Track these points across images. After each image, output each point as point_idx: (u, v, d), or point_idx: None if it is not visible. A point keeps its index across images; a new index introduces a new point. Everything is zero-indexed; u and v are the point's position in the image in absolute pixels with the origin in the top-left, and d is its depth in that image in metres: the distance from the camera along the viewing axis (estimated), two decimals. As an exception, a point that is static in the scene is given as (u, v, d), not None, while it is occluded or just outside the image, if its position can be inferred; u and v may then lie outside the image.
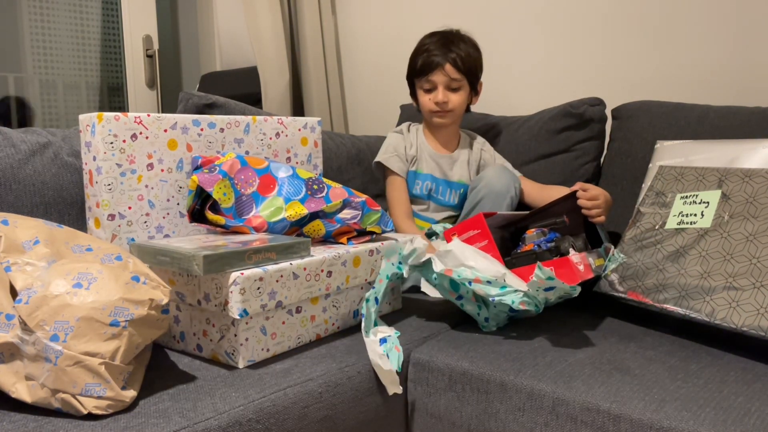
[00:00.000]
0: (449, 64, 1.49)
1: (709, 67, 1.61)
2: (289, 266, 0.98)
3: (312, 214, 1.14)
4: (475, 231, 1.16)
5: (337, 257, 1.06)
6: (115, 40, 2.58)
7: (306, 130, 1.36)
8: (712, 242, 1.03)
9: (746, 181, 1.06)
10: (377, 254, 1.13)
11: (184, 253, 0.90)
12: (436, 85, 1.51)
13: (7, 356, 0.77)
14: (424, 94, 1.54)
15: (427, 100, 1.53)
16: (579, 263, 1.08)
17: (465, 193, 1.56)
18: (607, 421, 0.82)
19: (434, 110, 1.53)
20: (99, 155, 1.05)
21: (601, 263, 1.17)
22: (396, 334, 1.04)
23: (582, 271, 1.07)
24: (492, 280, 1.02)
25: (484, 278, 1.02)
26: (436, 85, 1.51)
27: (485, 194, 1.42)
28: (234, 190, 1.13)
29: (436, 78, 1.50)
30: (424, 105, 1.55)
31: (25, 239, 0.83)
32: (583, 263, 1.09)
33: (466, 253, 1.06)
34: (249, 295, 0.92)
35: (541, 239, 1.18)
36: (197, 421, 0.77)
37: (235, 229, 1.11)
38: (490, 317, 1.09)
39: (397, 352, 0.99)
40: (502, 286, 1.01)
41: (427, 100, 1.53)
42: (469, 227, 1.17)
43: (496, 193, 1.41)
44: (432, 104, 1.52)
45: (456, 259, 1.06)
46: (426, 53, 1.51)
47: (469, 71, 1.52)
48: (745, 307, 0.93)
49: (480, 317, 1.10)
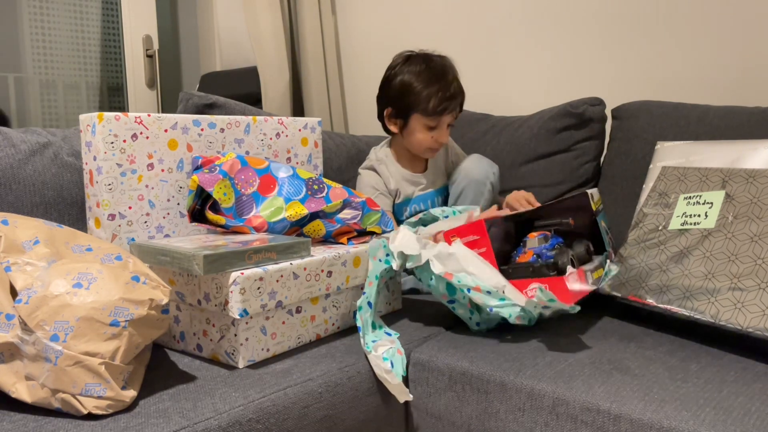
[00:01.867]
0: (459, 104, 1.46)
1: (709, 67, 1.61)
2: (290, 266, 0.98)
3: (312, 214, 1.15)
4: (474, 236, 1.14)
5: (338, 257, 1.06)
6: (115, 40, 2.58)
7: (306, 131, 1.36)
8: (716, 243, 1.02)
9: (750, 181, 1.06)
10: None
11: (184, 252, 0.90)
12: (443, 125, 1.45)
13: (7, 356, 0.77)
14: (425, 131, 1.44)
15: (429, 138, 1.44)
16: (575, 282, 1.07)
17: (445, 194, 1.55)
18: (607, 421, 0.82)
19: (434, 148, 1.47)
20: (99, 155, 1.05)
21: (600, 274, 1.16)
22: (395, 335, 1.04)
23: (576, 291, 1.07)
24: (492, 291, 1.01)
25: (484, 288, 1.01)
26: (443, 124, 1.44)
27: (465, 184, 1.43)
28: (234, 190, 1.13)
29: (445, 119, 1.44)
30: (422, 142, 1.45)
31: (25, 239, 0.83)
32: (579, 281, 1.09)
33: (469, 259, 1.06)
34: (249, 294, 0.92)
35: (542, 246, 1.17)
36: (197, 421, 0.77)
37: (236, 229, 1.11)
38: (482, 322, 1.10)
39: (399, 356, 1.00)
40: (501, 298, 1.01)
41: (429, 138, 1.44)
42: (469, 232, 1.15)
43: (476, 181, 1.42)
44: (433, 142, 1.45)
45: (457, 263, 1.05)
46: (438, 89, 1.41)
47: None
48: (750, 308, 0.93)
49: (471, 321, 1.10)
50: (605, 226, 1.31)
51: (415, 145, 1.48)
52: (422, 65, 1.45)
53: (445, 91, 1.41)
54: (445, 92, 1.41)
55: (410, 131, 1.47)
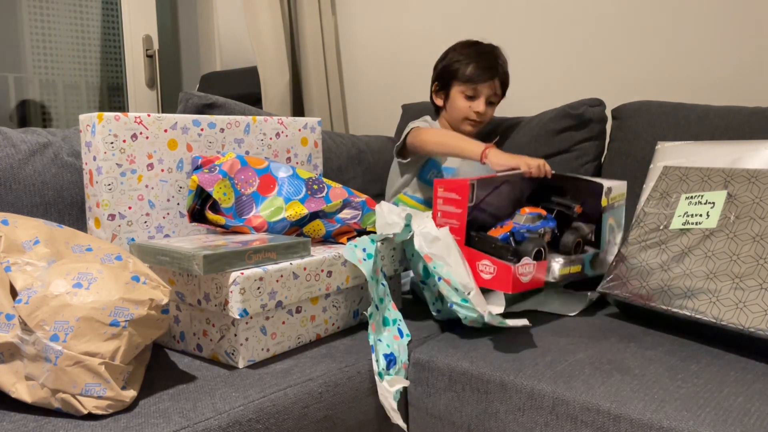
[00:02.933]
0: (499, 79, 1.53)
1: (709, 67, 1.61)
2: (290, 266, 0.97)
3: (312, 214, 1.15)
4: (456, 195, 1.12)
5: (338, 257, 1.05)
6: (115, 40, 2.58)
7: (306, 131, 1.36)
8: (718, 243, 1.02)
9: (752, 181, 1.06)
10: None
11: (184, 252, 0.90)
12: (480, 95, 1.52)
13: (7, 356, 0.77)
14: (464, 99, 1.53)
15: (467, 106, 1.52)
16: (526, 274, 1.07)
17: None
18: (607, 421, 0.82)
19: (471, 118, 1.53)
20: (99, 155, 1.05)
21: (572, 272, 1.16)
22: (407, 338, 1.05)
23: (525, 282, 1.07)
24: (459, 289, 1.03)
25: (453, 283, 1.03)
26: (480, 94, 1.52)
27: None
28: (234, 190, 1.13)
29: (483, 88, 1.51)
30: (461, 110, 1.53)
31: (25, 239, 0.83)
32: (534, 273, 1.08)
33: (451, 249, 1.06)
34: (249, 294, 0.92)
35: (526, 225, 1.17)
36: (197, 421, 0.77)
37: (235, 229, 1.11)
38: (443, 312, 1.14)
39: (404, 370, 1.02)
40: (464, 299, 1.03)
41: (467, 106, 1.52)
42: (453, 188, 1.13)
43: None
44: (471, 112, 1.52)
45: (439, 250, 1.06)
46: (478, 61, 1.51)
47: (505, 91, 1.57)
48: (752, 308, 0.93)
49: (433, 307, 1.15)
50: (614, 224, 1.28)
51: (454, 115, 1.56)
52: (472, 46, 1.56)
53: (484, 62, 1.51)
54: (484, 63, 1.51)
55: (451, 102, 1.56)
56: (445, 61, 1.57)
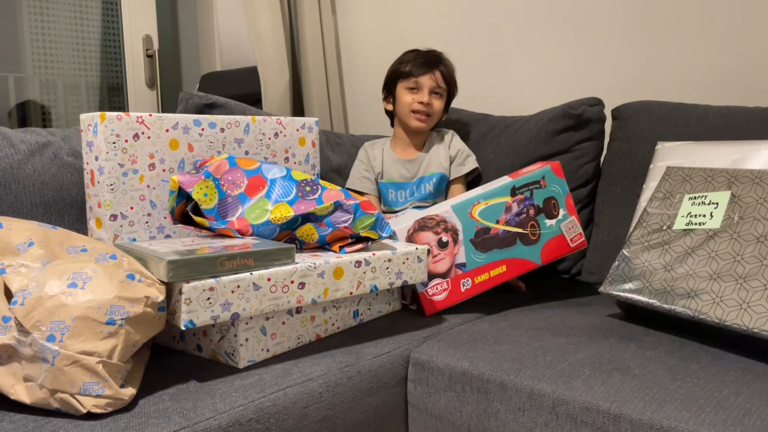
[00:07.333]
0: (438, 72, 1.58)
1: (709, 67, 1.61)
2: (249, 276, 0.90)
3: (303, 217, 1.09)
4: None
5: (312, 268, 0.97)
6: (115, 40, 2.58)
7: (304, 131, 1.36)
8: (722, 243, 1.02)
9: (756, 182, 1.05)
10: (366, 265, 1.05)
11: (153, 257, 0.86)
12: (423, 87, 1.57)
13: (5, 358, 0.77)
14: (408, 93, 1.58)
15: (410, 99, 1.58)
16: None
17: (439, 180, 1.61)
18: (607, 421, 0.81)
19: (416, 109, 1.57)
20: (101, 155, 1.05)
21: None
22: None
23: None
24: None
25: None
26: (422, 86, 1.57)
27: None
28: (219, 191, 1.09)
29: (423, 80, 1.57)
30: (405, 104, 1.58)
31: (19, 241, 0.83)
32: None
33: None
34: (196, 305, 0.85)
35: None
36: (197, 421, 0.77)
37: (220, 232, 1.07)
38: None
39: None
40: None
41: (411, 99, 1.58)
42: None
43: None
44: (416, 104, 1.57)
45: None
46: (416, 59, 1.59)
47: (450, 85, 1.62)
48: (756, 308, 0.93)
49: None
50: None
51: (402, 112, 1.61)
52: (412, 51, 1.64)
53: (422, 58, 1.59)
54: (422, 59, 1.59)
55: (398, 101, 1.62)
56: (389, 70, 1.65)
